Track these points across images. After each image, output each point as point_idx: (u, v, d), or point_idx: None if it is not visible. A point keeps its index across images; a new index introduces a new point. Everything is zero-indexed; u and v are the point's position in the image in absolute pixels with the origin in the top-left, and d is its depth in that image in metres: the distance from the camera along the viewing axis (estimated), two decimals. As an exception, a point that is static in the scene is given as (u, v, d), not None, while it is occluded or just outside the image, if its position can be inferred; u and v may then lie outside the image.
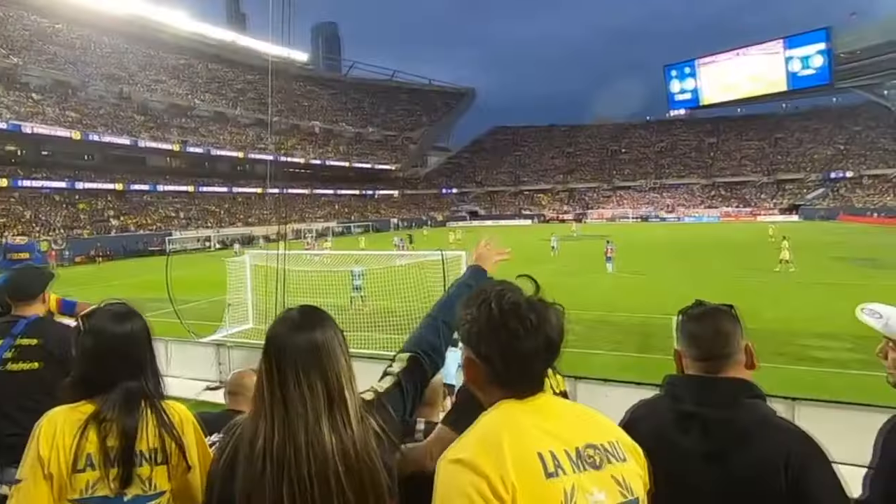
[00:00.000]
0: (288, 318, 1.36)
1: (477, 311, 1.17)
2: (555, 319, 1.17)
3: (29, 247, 3.86)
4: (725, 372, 1.47)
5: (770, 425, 1.37)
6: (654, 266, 26.14)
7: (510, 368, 1.15)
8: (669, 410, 1.47)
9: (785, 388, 7.27)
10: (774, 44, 68.09)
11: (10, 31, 52.79)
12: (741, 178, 77.01)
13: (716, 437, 1.37)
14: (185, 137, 58.21)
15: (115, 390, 1.59)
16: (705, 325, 1.51)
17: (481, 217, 79.96)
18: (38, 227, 40.66)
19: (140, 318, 1.74)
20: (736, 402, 1.40)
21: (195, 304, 17.53)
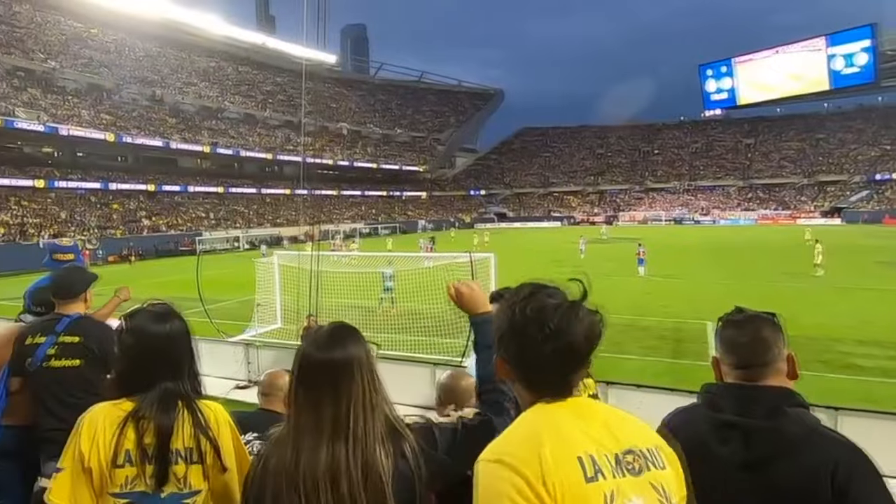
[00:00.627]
0: (314, 337, 1.39)
1: (503, 313, 1.20)
2: (581, 326, 1.14)
3: (74, 248, 3.91)
4: (765, 381, 1.42)
5: (817, 435, 1.32)
6: (688, 269, 25.47)
7: (530, 372, 1.18)
8: (707, 420, 1.42)
9: (826, 397, 6.97)
10: (816, 41, 65.38)
11: (47, 35, 54.09)
12: (780, 180, 74.43)
13: (758, 446, 1.33)
14: (215, 139, 58.83)
15: (154, 389, 1.64)
16: (745, 333, 1.47)
17: (509, 219, 79.03)
18: (72, 226, 41.39)
19: (179, 318, 1.78)
20: (779, 411, 1.35)
21: (224, 304, 17.60)
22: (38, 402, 2.65)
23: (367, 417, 1.30)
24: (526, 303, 1.16)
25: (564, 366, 1.15)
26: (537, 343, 1.13)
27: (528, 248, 40.05)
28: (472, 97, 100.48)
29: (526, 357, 1.16)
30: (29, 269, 24.08)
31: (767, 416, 1.35)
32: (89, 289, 2.91)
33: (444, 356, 10.01)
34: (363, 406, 1.31)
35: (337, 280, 15.19)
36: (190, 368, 1.75)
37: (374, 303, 15.31)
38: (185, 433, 1.62)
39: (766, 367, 1.43)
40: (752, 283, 20.72)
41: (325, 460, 1.26)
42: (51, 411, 2.60)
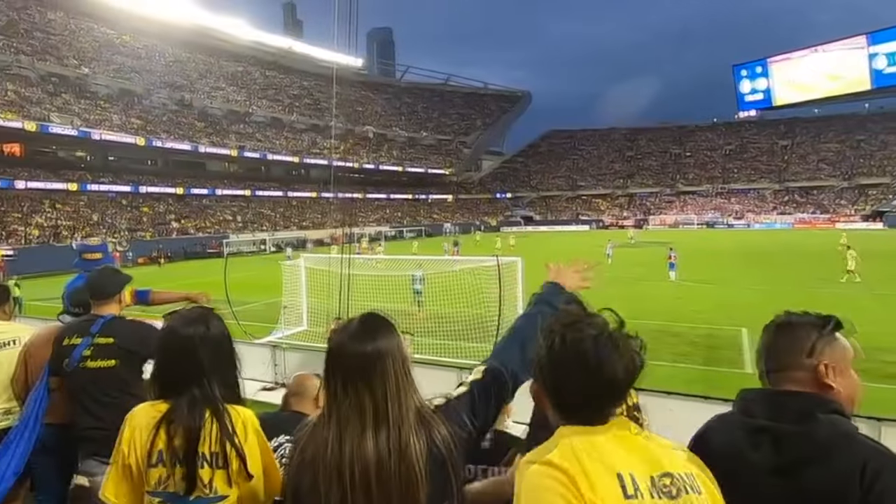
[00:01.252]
0: (347, 328, 1.39)
1: (543, 342, 1.20)
2: (620, 360, 1.14)
3: (101, 247, 3.98)
4: (787, 387, 1.40)
5: (850, 441, 1.27)
6: (721, 274, 24.79)
7: (567, 403, 1.19)
8: (740, 425, 1.41)
9: (868, 407, 6.09)
10: (856, 40, 62.65)
11: (80, 42, 55.28)
12: (818, 183, 71.86)
13: (787, 451, 1.31)
14: (242, 143, 59.37)
15: (186, 393, 1.68)
16: (763, 338, 1.48)
17: (536, 222, 78.03)
18: (103, 229, 42.04)
19: (214, 323, 1.78)
20: (811, 416, 1.31)
21: (251, 306, 17.77)
22: (75, 402, 2.71)
23: (402, 405, 1.32)
24: (565, 333, 1.16)
25: (602, 399, 1.16)
26: (576, 376, 1.14)
27: (554, 252, 39.32)
28: (499, 100, 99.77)
29: (563, 389, 1.17)
30: (62, 271, 24.38)
31: (798, 421, 1.31)
32: (123, 290, 2.96)
33: (470, 360, 9.86)
34: (397, 394, 1.32)
35: (362, 283, 15.03)
36: (224, 373, 1.75)
37: (399, 305, 15.23)
38: (212, 438, 1.64)
39: (779, 374, 1.40)
40: (787, 289, 20.11)
41: (372, 449, 1.28)
42: (88, 410, 2.67)
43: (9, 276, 25.20)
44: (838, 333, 1.41)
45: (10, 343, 3.16)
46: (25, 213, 39.38)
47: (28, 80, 46.77)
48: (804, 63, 76.88)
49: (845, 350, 1.39)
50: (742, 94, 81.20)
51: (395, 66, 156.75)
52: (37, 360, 2.94)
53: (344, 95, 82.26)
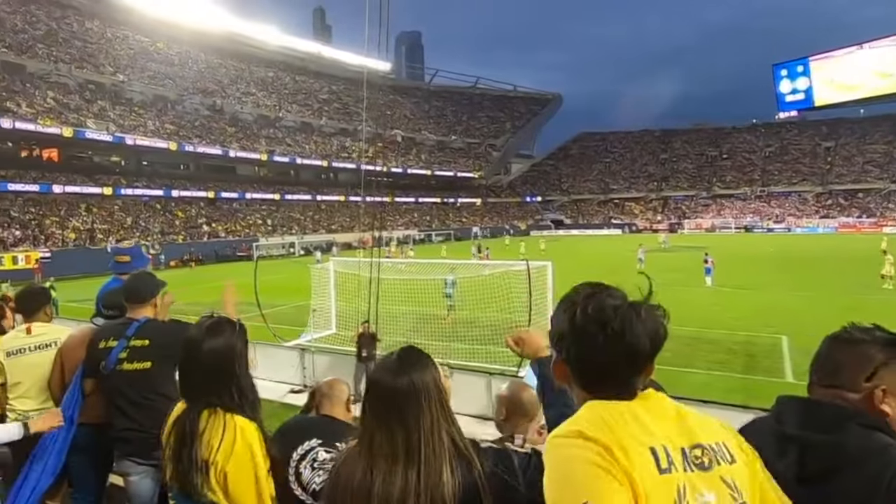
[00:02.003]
0: (385, 362, 1.44)
1: (563, 314, 1.19)
2: (643, 327, 1.11)
3: (132, 250, 3.97)
4: (848, 403, 1.34)
5: (884, 450, 1.21)
6: (760, 280, 24.00)
7: (590, 374, 1.16)
8: (771, 431, 1.39)
9: None
10: (904, 36, 60.38)
11: (116, 50, 56.53)
12: (863, 186, 68.88)
13: (814, 461, 1.28)
14: (272, 147, 59.86)
15: (195, 398, 1.83)
16: (835, 349, 1.40)
17: (566, 226, 76.75)
18: (137, 232, 42.71)
19: (224, 336, 1.86)
20: (842, 426, 1.27)
21: (280, 309, 17.92)
22: (111, 404, 2.77)
23: (436, 443, 1.32)
24: (587, 303, 1.14)
25: (628, 368, 1.13)
26: (598, 345, 1.11)
27: (583, 256, 38.44)
28: (529, 102, 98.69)
29: (587, 359, 1.14)
30: (97, 273, 24.78)
31: (827, 430, 1.27)
32: (158, 295, 2.99)
33: (499, 365, 9.79)
34: (432, 432, 1.32)
35: (392, 287, 15.32)
36: (230, 384, 1.81)
37: (429, 310, 15.38)
38: (205, 444, 1.72)
39: (829, 390, 1.35)
40: (830, 295, 19.32)
41: (400, 485, 1.29)
42: (124, 412, 2.72)
43: (45, 278, 25.58)
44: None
45: (50, 345, 3.22)
46: (62, 217, 40.23)
47: (67, 88, 47.94)
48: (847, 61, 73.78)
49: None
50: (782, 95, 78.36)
51: (423, 70, 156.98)
52: (71, 361, 3.03)
53: (373, 99, 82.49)
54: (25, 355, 3.17)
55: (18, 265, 32.23)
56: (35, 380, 3.17)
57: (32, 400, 3.17)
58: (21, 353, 3.17)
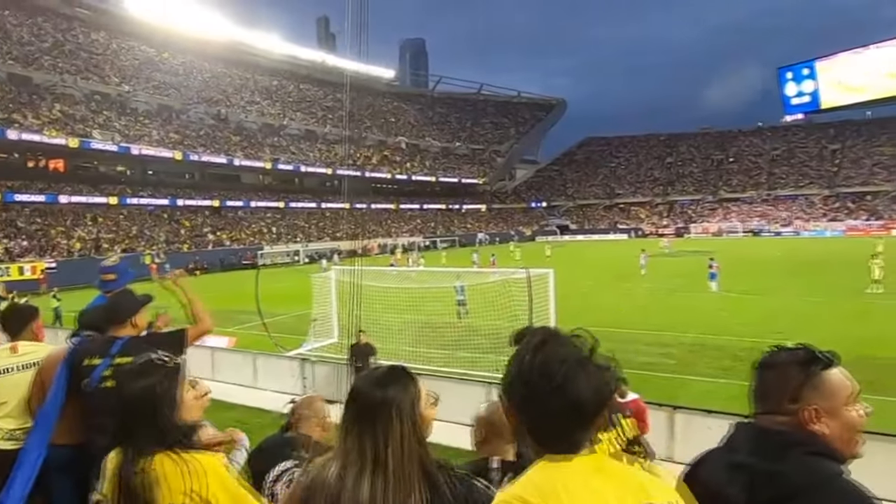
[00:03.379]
0: (370, 374, 1.48)
1: (513, 362, 1.19)
2: (587, 382, 1.11)
3: (116, 268, 3.90)
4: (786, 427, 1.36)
5: (825, 484, 1.21)
6: (767, 284, 23.75)
7: (535, 425, 1.16)
8: (723, 459, 1.40)
9: None
10: (912, 37, 60.00)
11: (122, 61, 56.96)
12: (871, 188, 68.28)
13: (761, 490, 1.27)
14: (276, 155, 60.08)
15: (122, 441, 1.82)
16: (761, 374, 1.44)
17: (572, 231, 76.48)
18: (142, 241, 42.83)
19: (147, 377, 1.83)
20: (788, 456, 1.28)
21: (282, 318, 17.92)
22: (93, 423, 2.70)
23: (405, 459, 1.34)
24: (535, 353, 1.15)
25: (571, 423, 1.12)
26: (543, 398, 1.11)
27: (590, 263, 38.19)
28: (533, 108, 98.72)
29: (531, 409, 1.14)
30: (99, 284, 24.85)
31: (775, 460, 1.27)
32: (138, 314, 2.98)
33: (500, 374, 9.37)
34: (401, 447, 1.34)
35: (395, 295, 15.34)
36: (160, 426, 1.77)
37: (434, 318, 15.37)
38: (165, 490, 1.66)
39: (765, 417, 1.37)
40: (838, 300, 19.30)
41: (368, 493, 1.31)
42: (105, 431, 2.55)
43: (50, 289, 25.62)
44: (836, 369, 1.33)
45: (36, 364, 3.14)
46: (68, 227, 40.40)
47: (72, 99, 48.29)
48: (853, 64, 73.24)
49: (838, 389, 1.31)
50: (788, 98, 77.88)
51: (428, 77, 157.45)
52: (50, 381, 2.95)
53: (376, 106, 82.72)
54: (11, 375, 3.12)
55: (24, 275, 32.33)
56: (20, 399, 3.11)
57: (15, 420, 3.10)
58: (7, 373, 3.12)
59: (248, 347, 13.15)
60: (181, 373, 1.89)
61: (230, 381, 10.95)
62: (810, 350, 1.36)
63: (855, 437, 1.32)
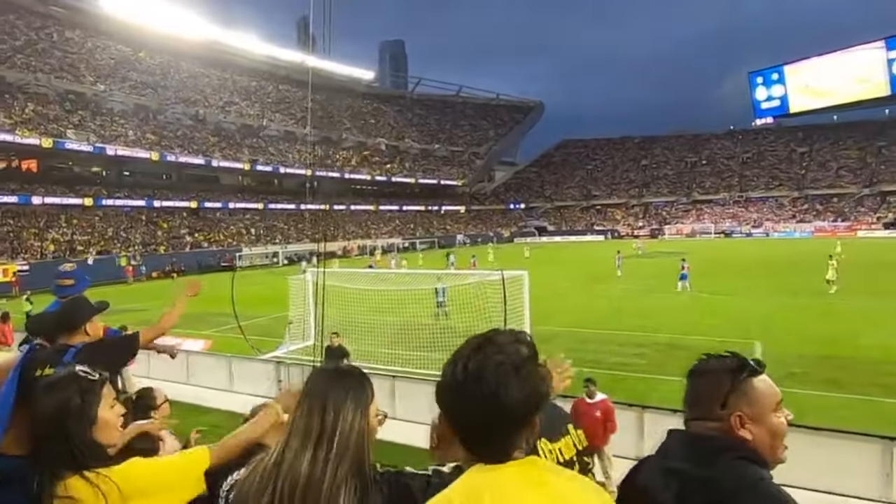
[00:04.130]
0: (330, 366, 1.50)
1: (447, 369, 1.18)
2: (519, 389, 1.10)
3: (73, 273, 3.80)
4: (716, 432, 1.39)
5: (750, 489, 1.25)
6: (737, 285, 24.46)
7: (468, 432, 1.15)
8: (658, 465, 1.42)
9: (881, 424, 6.74)
10: (874, 45, 61.87)
11: (97, 60, 56.19)
12: (838, 190, 70.52)
13: (691, 495, 1.30)
14: (255, 157, 59.81)
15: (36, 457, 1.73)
16: (692, 382, 1.46)
17: (550, 233, 77.46)
18: (118, 243, 42.41)
19: (61, 391, 1.71)
20: (718, 461, 1.30)
21: (259, 321, 17.90)
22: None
23: (350, 440, 1.33)
24: (469, 359, 1.13)
25: (502, 429, 1.12)
26: (474, 404, 1.10)
27: (566, 263, 38.85)
28: (511, 110, 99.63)
29: (463, 415, 1.13)
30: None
31: (705, 465, 1.30)
32: (91, 321, 2.90)
33: None
34: (351, 428, 1.34)
35: (374, 297, 15.44)
36: (63, 447, 1.66)
37: (412, 319, 15.37)
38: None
39: (696, 423, 1.40)
40: (805, 301, 19.86)
41: (308, 464, 1.30)
42: None
43: (23, 291, 25.37)
44: (763, 376, 1.36)
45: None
46: (41, 229, 39.85)
47: (46, 98, 47.57)
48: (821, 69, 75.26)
49: (764, 396, 1.34)
50: (758, 102, 79.81)
51: (407, 79, 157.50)
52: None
53: (356, 108, 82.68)
54: None
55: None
56: None
57: None
58: None
59: (225, 350, 13.07)
60: (104, 388, 1.76)
61: (205, 385, 10.84)
62: (740, 358, 1.40)
63: (779, 442, 1.36)
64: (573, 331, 16.14)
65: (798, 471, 6.24)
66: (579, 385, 6.98)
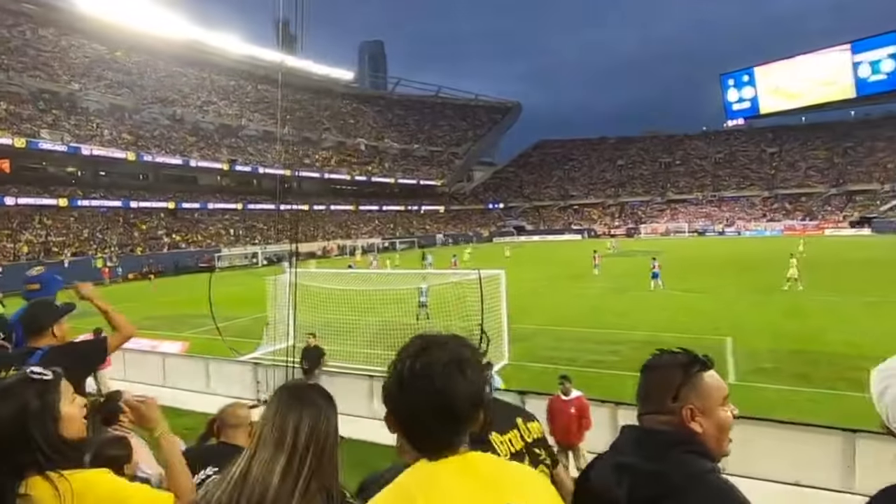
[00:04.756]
0: (300, 382, 1.51)
1: (393, 369, 1.20)
2: (465, 387, 1.14)
3: (39, 278, 3.81)
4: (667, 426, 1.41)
5: (697, 482, 1.28)
6: (709, 283, 25.04)
7: (413, 431, 1.17)
8: (610, 460, 1.44)
9: (846, 417, 6.87)
10: (840, 48, 63.77)
11: (72, 58, 55.40)
12: (806, 190, 72.62)
13: (641, 489, 1.32)
14: (234, 156, 59.49)
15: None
16: (644, 377, 1.49)
17: (528, 232, 78.30)
18: (94, 244, 41.92)
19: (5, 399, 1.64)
20: (667, 455, 1.33)
21: (238, 322, 17.83)
22: None
23: (325, 453, 1.33)
24: (415, 359, 1.16)
25: (448, 426, 1.15)
26: (421, 402, 1.13)
27: (545, 262, 39.42)
28: (490, 111, 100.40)
29: (410, 414, 1.15)
30: (49, 288, 24.37)
31: (655, 460, 1.33)
32: (58, 323, 2.89)
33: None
34: (327, 439, 1.34)
35: (353, 297, 15.47)
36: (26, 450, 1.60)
37: (392, 319, 15.36)
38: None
39: (649, 417, 1.43)
40: (776, 297, 20.37)
41: (281, 471, 1.28)
42: None
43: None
44: (712, 371, 1.42)
45: None
46: (14, 230, 39.25)
47: (19, 97, 46.80)
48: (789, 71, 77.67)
49: (713, 390, 1.39)
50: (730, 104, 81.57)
51: (386, 79, 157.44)
52: None
53: (335, 108, 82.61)
54: None
55: (-31, 280, 31.35)
56: None
57: None
58: None
59: (203, 352, 13.00)
60: (60, 384, 1.74)
61: (182, 388, 10.76)
62: (690, 353, 1.44)
63: (725, 436, 1.40)
64: (550, 329, 16.42)
65: (766, 464, 6.53)
66: (556, 382, 7.25)
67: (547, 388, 8.68)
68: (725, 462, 5.43)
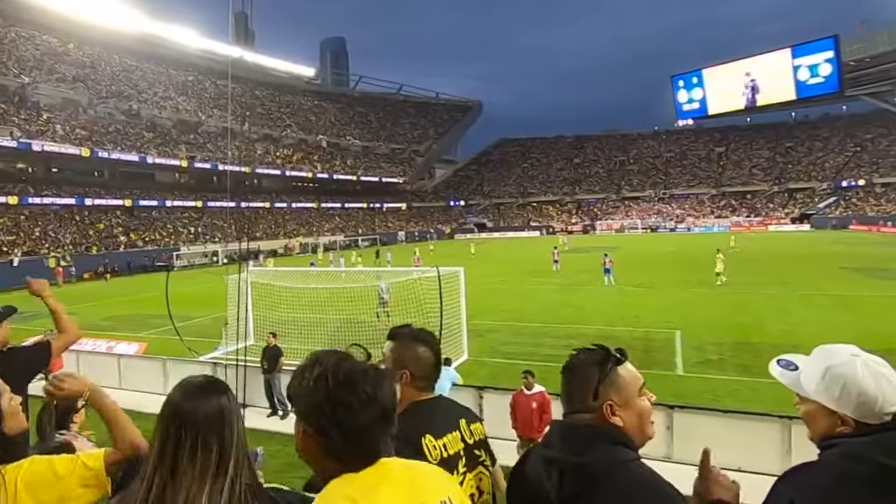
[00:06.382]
0: (189, 385, 1.34)
1: (313, 384, 1.16)
2: (389, 387, 1.19)
3: None
4: (591, 422, 1.45)
5: (618, 471, 1.33)
6: (660, 278, 25.94)
7: (347, 443, 1.15)
8: (540, 454, 1.48)
9: (782, 405, 7.05)
10: (782, 53, 67.23)
11: (21, 51, 53.53)
12: (751, 188, 76.23)
13: (569, 482, 1.36)
14: (193, 153, 58.58)
15: None
16: (565, 378, 1.51)
17: (489, 229, 79.65)
18: (46, 243, 40.91)
19: None
20: (591, 448, 1.38)
21: (197, 321, 17.67)
22: None
23: (240, 466, 1.28)
24: (336, 370, 1.17)
25: (381, 427, 1.18)
26: (354, 410, 1.14)
27: (506, 259, 40.39)
28: (451, 109, 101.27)
29: (343, 426, 1.14)
30: (2, 288, 23.69)
31: (579, 453, 1.38)
32: (3, 323, 2.89)
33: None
34: (239, 454, 1.29)
35: (313, 295, 15.53)
36: None
37: (352, 316, 15.31)
38: None
39: (573, 416, 1.47)
40: (722, 291, 21.20)
41: (206, 495, 1.22)
42: None
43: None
44: (626, 363, 1.46)
45: None
46: (-38, 228, 38.06)
47: (-37, 91, 45.17)
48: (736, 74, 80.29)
49: (629, 383, 1.44)
50: (680, 104, 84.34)
51: (348, 76, 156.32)
52: None
53: (296, 105, 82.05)
54: None
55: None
56: None
57: None
58: None
59: (161, 353, 12.87)
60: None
61: (139, 389, 10.56)
62: (605, 350, 1.46)
63: (647, 421, 1.44)
64: (509, 324, 16.80)
65: (712, 451, 7.45)
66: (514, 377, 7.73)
67: (505, 384, 9.15)
68: (671, 450, 7.37)
